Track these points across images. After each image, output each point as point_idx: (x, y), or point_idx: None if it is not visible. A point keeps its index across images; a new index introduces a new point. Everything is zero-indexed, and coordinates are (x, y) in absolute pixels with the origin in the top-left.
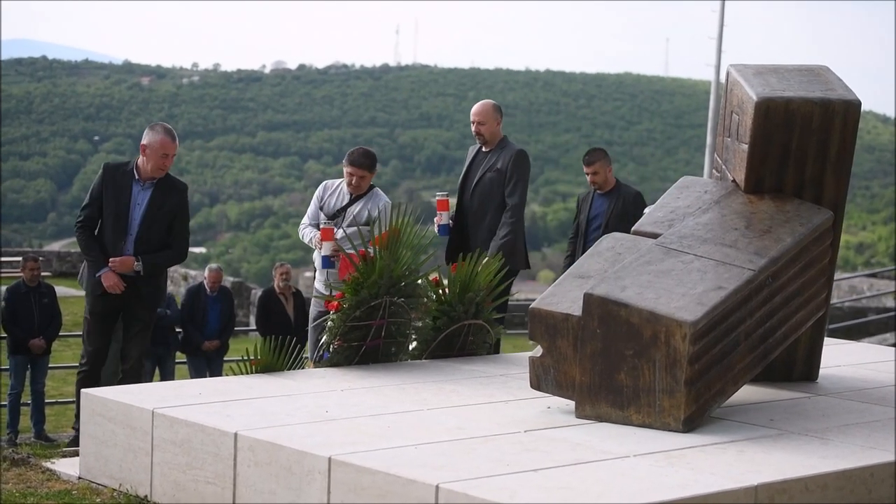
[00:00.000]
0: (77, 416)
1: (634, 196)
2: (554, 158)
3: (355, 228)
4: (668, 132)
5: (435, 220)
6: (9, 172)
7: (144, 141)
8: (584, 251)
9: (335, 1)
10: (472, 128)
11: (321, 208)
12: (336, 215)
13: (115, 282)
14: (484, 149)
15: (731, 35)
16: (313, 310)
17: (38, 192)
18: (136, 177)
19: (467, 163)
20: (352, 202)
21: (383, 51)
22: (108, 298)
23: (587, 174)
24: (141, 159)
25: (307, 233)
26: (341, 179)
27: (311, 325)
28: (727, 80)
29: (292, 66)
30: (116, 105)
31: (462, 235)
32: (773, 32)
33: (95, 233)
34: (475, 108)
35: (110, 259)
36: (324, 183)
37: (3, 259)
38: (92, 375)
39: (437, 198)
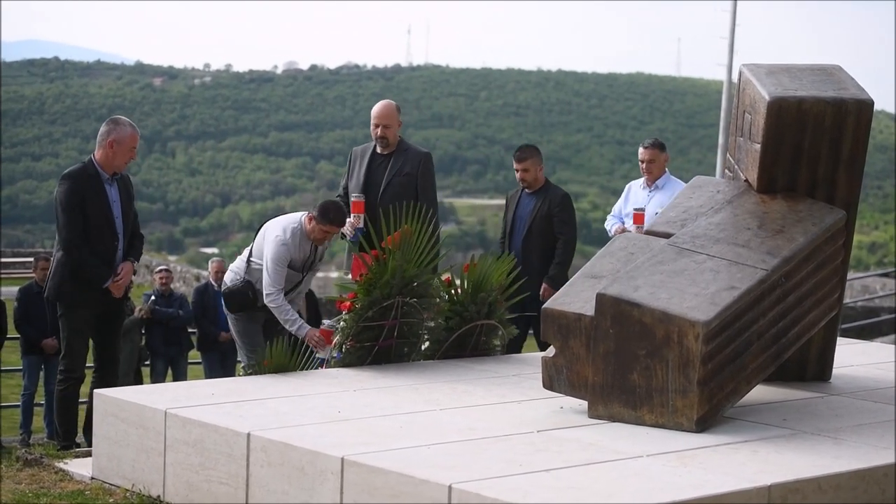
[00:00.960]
0: (72, 425)
1: (562, 197)
2: (566, 158)
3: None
4: (679, 132)
5: (351, 222)
6: (21, 173)
7: (112, 136)
8: (511, 250)
9: (347, 1)
10: (377, 131)
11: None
12: (304, 268)
13: (123, 290)
14: (381, 150)
15: (743, 35)
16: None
17: (50, 193)
18: (105, 175)
19: (364, 166)
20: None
21: (395, 51)
22: (99, 307)
23: (517, 170)
24: (102, 155)
25: (289, 311)
26: (293, 231)
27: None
28: (739, 79)
29: (304, 66)
30: (128, 106)
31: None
32: (785, 32)
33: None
34: (378, 110)
35: (120, 277)
36: (285, 245)
37: (16, 260)
38: (78, 387)
39: (354, 199)
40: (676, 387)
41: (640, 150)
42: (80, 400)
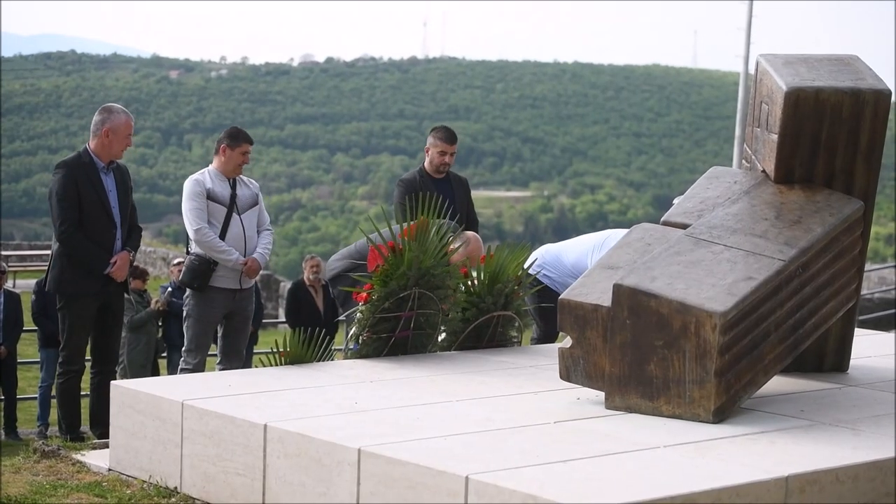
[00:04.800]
0: (74, 418)
1: (466, 180)
2: (582, 150)
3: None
4: (696, 124)
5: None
6: (38, 166)
7: (107, 125)
8: None
9: None
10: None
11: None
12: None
13: (124, 273)
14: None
15: (760, 26)
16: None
17: None
18: (101, 164)
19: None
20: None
21: (411, 43)
22: (100, 298)
23: (445, 153)
24: (98, 144)
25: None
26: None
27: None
28: (756, 70)
29: (320, 59)
30: (145, 99)
31: None
32: (802, 24)
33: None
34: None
35: (116, 267)
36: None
37: (33, 252)
38: (79, 380)
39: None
40: (693, 377)
41: None
42: (82, 393)
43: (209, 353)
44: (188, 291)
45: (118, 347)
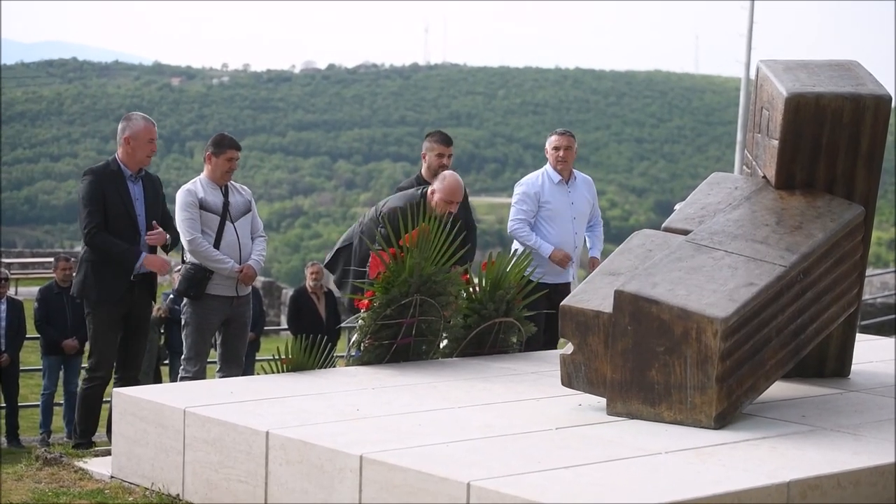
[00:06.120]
0: (90, 424)
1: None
2: (584, 156)
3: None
4: (698, 129)
5: None
6: (40, 174)
7: (127, 133)
8: None
9: (365, 0)
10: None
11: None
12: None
13: (162, 261)
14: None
15: (762, 32)
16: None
17: (69, 194)
18: (128, 173)
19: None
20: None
21: (413, 50)
22: (125, 301)
23: (443, 154)
24: (122, 152)
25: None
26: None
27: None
28: (757, 75)
29: (322, 65)
30: (147, 106)
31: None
32: (803, 29)
33: None
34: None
35: (148, 234)
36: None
37: (36, 260)
38: (104, 388)
39: None
40: (695, 383)
41: (555, 137)
42: (105, 399)
43: (209, 360)
44: (185, 300)
45: (142, 353)
